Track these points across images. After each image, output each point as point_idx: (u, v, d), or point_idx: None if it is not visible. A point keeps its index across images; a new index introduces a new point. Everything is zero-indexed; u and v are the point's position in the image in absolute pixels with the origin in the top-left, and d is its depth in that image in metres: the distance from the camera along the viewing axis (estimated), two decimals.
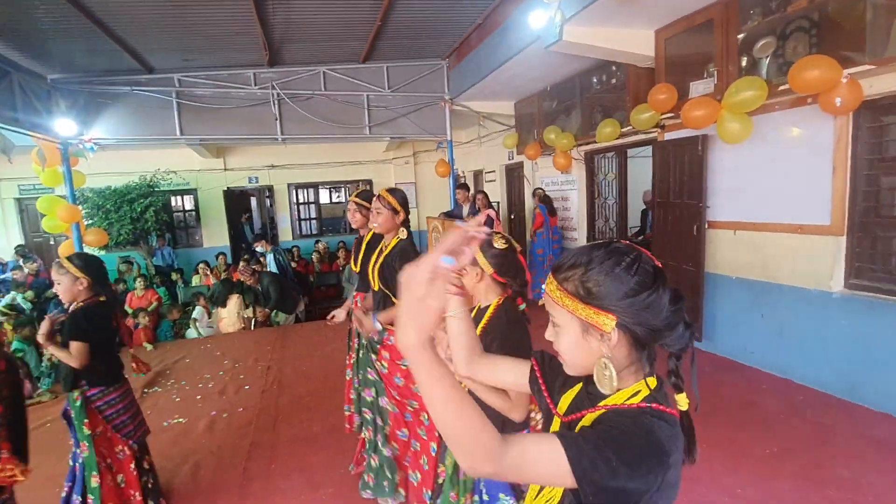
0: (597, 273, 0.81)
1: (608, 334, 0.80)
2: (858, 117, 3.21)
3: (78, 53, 5.07)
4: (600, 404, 0.84)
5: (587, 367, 0.85)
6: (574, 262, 0.84)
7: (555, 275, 0.86)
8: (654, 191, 4.97)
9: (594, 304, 0.80)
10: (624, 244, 0.85)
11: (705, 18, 3.89)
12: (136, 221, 8.32)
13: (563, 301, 0.83)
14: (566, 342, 0.86)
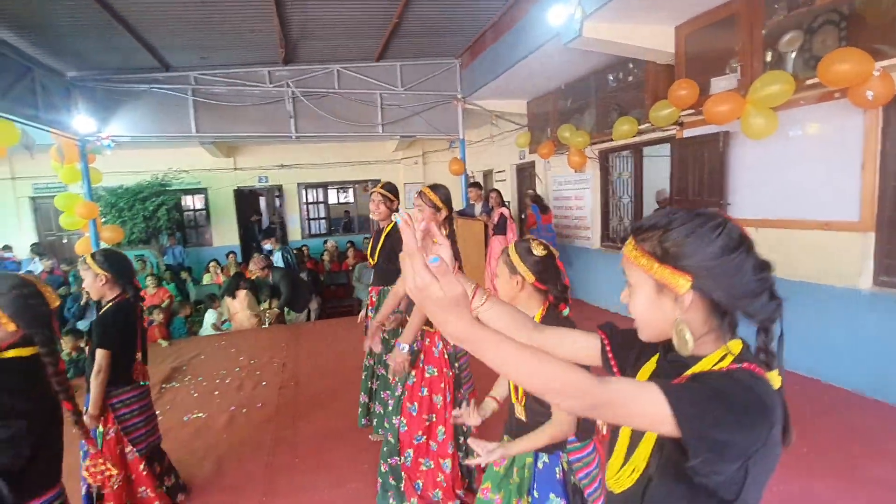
0: (677, 233, 0.79)
1: (682, 296, 0.78)
2: (889, 111, 3.16)
3: (97, 51, 5.10)
4: (687, 373, 0.81)
5: (661, 330, 0.84)
6: (655, 222, 0.83)
7: (634, 235, 0.85)
8: (672, 189, 4.93)
9: (670, 264, 0.78)
10: (710, 209, 0.82)
11: (728, 13, 3.86)
12: (149, 220, 8.37)
13: (638, 260, 0.82)
14: (639, 302, 0.84)
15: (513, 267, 1.50)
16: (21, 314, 1.52)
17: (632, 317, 0.88)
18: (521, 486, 1.54)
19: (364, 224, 11.68)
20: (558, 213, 7.28)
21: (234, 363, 4.97)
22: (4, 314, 1.50)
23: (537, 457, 1.53)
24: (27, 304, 1.53)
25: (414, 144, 10.78)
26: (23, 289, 1.55)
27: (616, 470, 0.93)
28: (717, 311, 0.81)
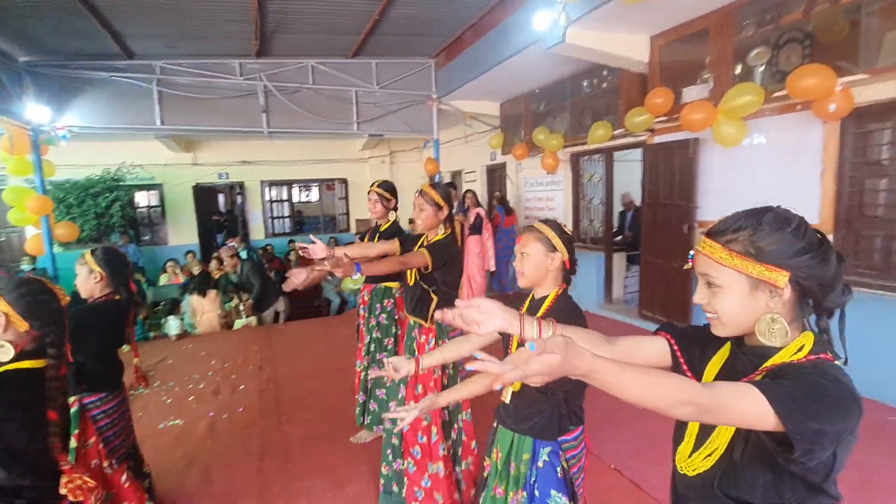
0: (769, 233, 0.85)
1: (780, 289, 0.84)
2: (845, 124, 3.46)
3: (53, 34, 4.73)
4: (767, 364, 0.87)
5: (748, 324, 0.89)
6: (740, 224, 0.88)
7: (716, 238, 0.90)
8: (644, 192, 5.16)
9: (767, 262, 0.84)
10: (784, 209, 0.89)
11: (701, 27, 4.10)
12: (101, 217, 7.84)
13: (730, 261, 0.86)
14: (730, 300, 0.88)
15: (551, 245, 1.50)
16: (33, 312, 1.43)
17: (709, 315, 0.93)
18: (518, 480, 1.54)
19: (329, 223, 11.47)
20: (529, 214, 7.44)
21: (206, 367, 4.75)
22: (16, 311, 1.41)
23: (537, 454, 1.52)
24: (38, 301, 1.45)
25: (381, 144, 10.69)
26: (32, 286, 1.46)
27: (687, 455, 0.98)
28: (802, 301, 0.87)
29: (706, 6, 3.94)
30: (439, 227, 2.45)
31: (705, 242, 0.92)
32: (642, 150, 5.23)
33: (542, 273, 1.52)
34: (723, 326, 0.92)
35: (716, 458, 0.91)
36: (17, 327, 1.41)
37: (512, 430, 1.56)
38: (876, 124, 3.41)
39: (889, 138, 3.39)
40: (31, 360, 1.42)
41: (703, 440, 0.95)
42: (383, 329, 3.14)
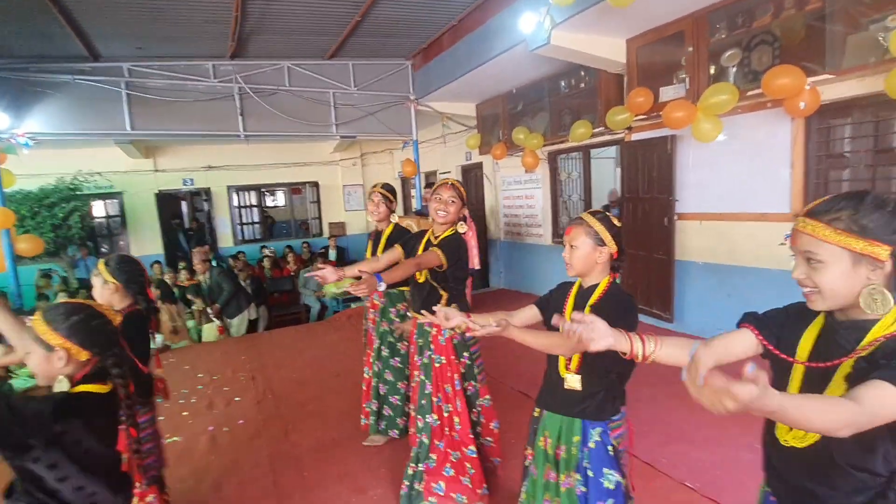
0: (870, 212, 0.93)
1: (882, 262, 0.93)
2: (811, 120, 3.75)
3: (12, 35, 4.42)
4: (868, 339, 0.94)
5: (849, 297, 0.96)
6: (841, 205, 0.96)
7: (818, 217, 0.97)
8: (623, 187, 5.37)
9: (871, 237, 0.92)
10: (876, 191, 0.99)
11: (676, 30, 4.32)
12: (58, 229, 7.34)
13: (833, 238, 0.94)
14: (832, 274, 0.95)
15: (599, 239, 1.55)
16: (90, 340, 1.35)
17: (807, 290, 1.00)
18: (570, 462, 1.60)
19: (299, 228, 11.21)
20: (508, 213, 7.58)
21: (194, 381, 4.57)
22: (74, 344, 1.32)
23: (587, 436, 1.59)
24: (92, 328, 1.37)
25: (353, 146, 10.56)
26: (81, 313, 1.37)
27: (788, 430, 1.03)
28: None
29: (680, 11, 4.15)
30: (459, 223, 2.46)
31: (806, 222, 0.98)
32: (620, 147, 5.44)
33: (589, 265, 1.58)
34: (822, 300, 0.98)
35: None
36: (77, 357, 1.34)
37: (562, 414, 1.62)
38: (838, 120, 3.71)
39: (850, 132, 3.69)
40: (95, 385, 1.35)
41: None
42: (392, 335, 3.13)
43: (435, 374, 2.42)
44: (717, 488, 2.47)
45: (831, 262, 0.95)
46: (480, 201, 8.31)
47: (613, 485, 1.52)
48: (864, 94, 3.34)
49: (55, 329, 1.32)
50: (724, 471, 2.60)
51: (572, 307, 1.64)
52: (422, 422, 2.44)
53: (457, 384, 2.40)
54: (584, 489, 1.54)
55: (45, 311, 1.37)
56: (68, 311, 1.36)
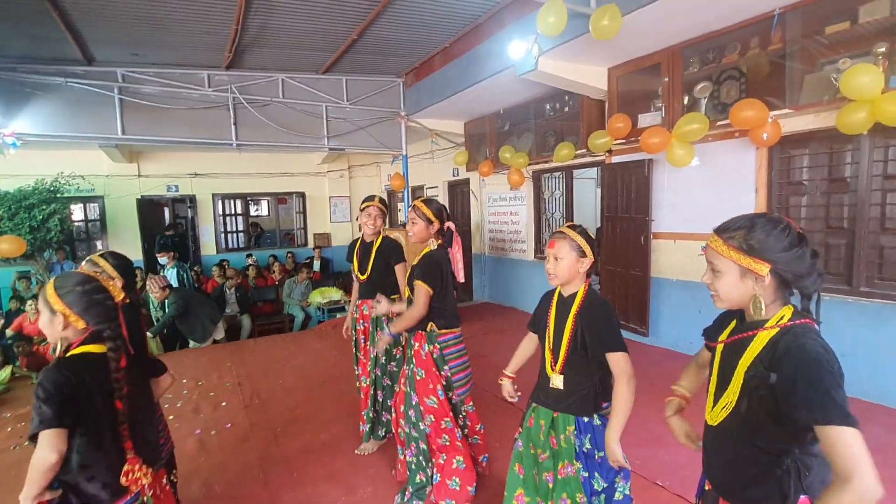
0: (759, 233, 1.10)
1: (763, 277, 1.09)
2: (773, 150, 4.08)
3: (9, 36, 4.45)
4: (765, 326, 1.12)
5: (739, 302, 1.15)
6: (738, 225, 1.14)
7: (720, 234, 1.16)
8: (603, 206, 5.65)
9: (755, 256, 1.10)
10: (776, 215, 1.16)
11: (653, 62, 4.64)
12: (36, 231, 7.22)
13: (727, 253, 1.13)
14: (726, 282, 1.15)
15: (581, 251, 1.73)
16: (90, 310, 1.49)
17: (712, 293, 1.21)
18: (568, 451, 1.73)
19: (284, 238, 11.22)
20: (493, 228, 7.80)
21: (179, 385, 4.56)
22: (73, 312, 1.46)
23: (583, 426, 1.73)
24: (94, 300, 1.51)
25: (340, 158, 10.70)
26: (87, 285, 1.52)
27: (710, 408, 1.23)
28: (782, 285, 1.12)
29: (657, 45, 4.48)
30: (430, 240, 2.56)
31: (713, 237, 1.18)
32: (600, 168, 5.73)
33: (572, 275, 1.76)
34: (721, 301, 1.19)
35: (729, 410, 1.16)
36: (75, 325, 1.47)
37: (552, 409, 1.79)
38: (797, 150, 4.05)
39: (808, 162, 4.03)
40: (94, 345, 1.48)
41: (720, 395, 1.20)
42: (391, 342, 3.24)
43: (417, 386, 2.54)
44: (684, 487, 2.65)
45: (725, 272, 1.15)
46: (466, 217, 8.52)
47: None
48: (819, 128, 3.68)
49: (60, 296, 1.46)
50: (690, 471, 2.79)
51: (555, 315, 1.81)
52: (415, 431, 2.54)
53: (440, 394, 2.50)
54: (587, 474, 1.69)
55: (58, 278, 1.51)
56: (76, 281, 1.50)
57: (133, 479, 1.48)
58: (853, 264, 3.70)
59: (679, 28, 4.07)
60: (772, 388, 1.04)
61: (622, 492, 1.77)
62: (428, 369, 2.52)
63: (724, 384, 1.18)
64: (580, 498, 1.69)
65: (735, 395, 1.14)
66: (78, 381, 1.40)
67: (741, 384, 1.13)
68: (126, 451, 1.49)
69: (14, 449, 3.46)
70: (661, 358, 4.80)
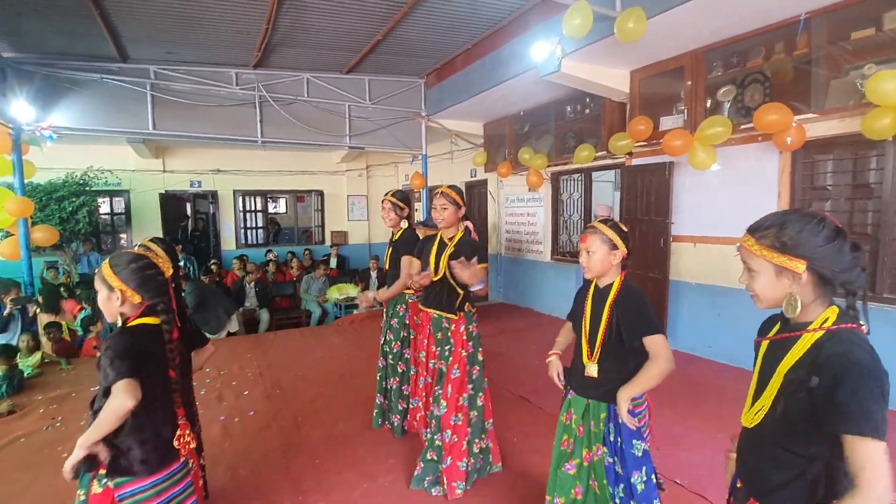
0: (791, 229, 1.07)
1: (799, 275, 1.06)
2: (796, 154, 4.06)
3: (45, 32, 4.64)
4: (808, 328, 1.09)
5: (777, 301, 1.12)
6: (770, 223, 1.11)
7: (752, 233, 1.13)
8: (622, 209, 5.65)
9: (789, 253, 1.06)
10: (810, 210, 1.14)
11: (677, 65, 4.65)
12: (66, 222, 7.46)
13: (760, 252, 1.10)
14: (761, 282, 1.12)
15: (612, 244, 1.79)
16: (144, 285, 1.60)
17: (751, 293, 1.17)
18: (598, 436, 1.81)
19: (302, 235, 11.39)
20: (510, 229, 7.84)
21: (202, 374, 4.67)
22: (129, 287, 1.56)
23: (613, 413, 1.79)
24: (147, 276, 1.61)
25: (359, 157, 10.83)
26: (139, 262, 1.62)
27: (748, 409, 1.21)
28: (821, 284, 1.07)
29: (681, 48, 4.49)
30: (458, 224, 2.69)
31: (745, 237, 1.15)
32: (620, 171, 5.74)
33: (605, 267, 1.82)
34: (759, 302, 1.15)
35: (764, 413, 1.14)
36: (132, 300, 1.58)
37: (587, 396, 1.84)
38: (821, 155, 4.03)
39: (832, 167, 4.01)
40: (149, 318, 1.59)
41: (758, 398, 1.17)
42: (395, 332, 3.32)
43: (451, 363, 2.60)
44: (702, 485, 2.67)
45: (760, 271, 1.12)
46: (483, 217, 8.56)
47: (641, 452, 1.75)
48: (844, 133, 3.66)
49: (116, 273, 1.57)
50: (709, 470, 2.80)
51: (591, 306, 1.86)
52: (437, 409, 2.61)
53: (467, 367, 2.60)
54: (612, 460, 1.75)
55: (112, 257, 1.63)
56: (129, 260, 1.61)
57: (184, 442, 1.57)
58: (877, 270, 3.67)
59: (703, 32, 4.08)
60: (811, 391, 1.02)
61: (641, 480, 1.79)
62: (467, 348, 2.61)
63: (763, 386, 1.16)
64: (603, 481, 1.74)
65: (771, 398, 1.12)
66: (141, 345, 1.50)
67: (779, 386, 1.10)
68: (178, 417, 1.59)
69: (46, 430, 3.60)
70: (679, 362, 4.72)
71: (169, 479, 1.57)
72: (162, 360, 1.57)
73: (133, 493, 1.51)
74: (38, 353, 4.90)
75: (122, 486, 1.50)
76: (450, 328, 2.66)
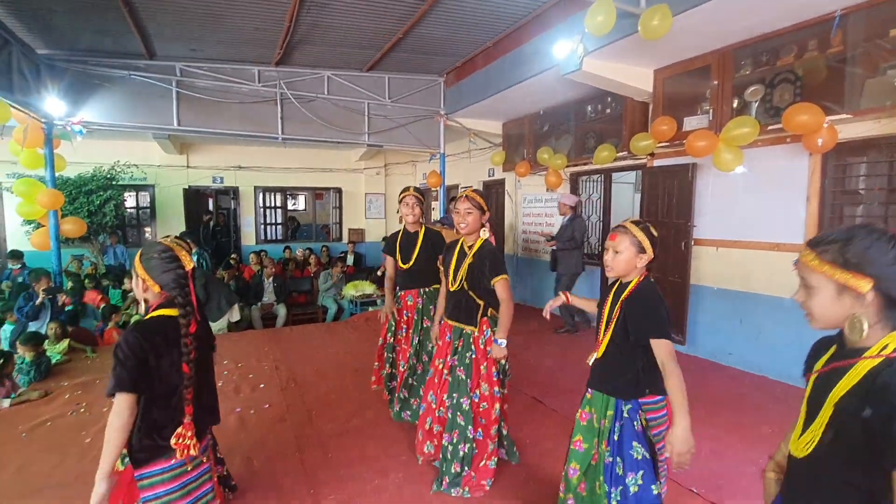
0: (857, 245, 0.99)
1: (863, 295, 0.98)
2: (827, 157, 3.92)
3: (77, 30, 4.78)
4: (866, 355, 1.00)
5: (836, 322, 1.04)
6: (834, 237, 1.03)
7: (813, 248, 1.06)
8: (643, 210, 5.55)
9: (853, 270, 0.98)
10: (879, 226, 1.05)
11: (703, 64, 4.54)
12: (94, 215, 7.68)
13: (821, 268, 1.02)
14: (820, 300, 1.04)
15: (640, 246, 1.77)
16: (163, 276, 1.64)
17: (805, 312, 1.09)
18: (602, 433, 1.81)
19: (320, 232, 11.51)
20: (527, 229, 7.77)
21: (219, 367, 4.76)
22: (150, 277, 1.61)
23: (619, 411, 1.77)
24: (167, 267, 1.65)
25: (377, 155, 10.90)
26: (163, 253, 1.65)
27: (796, 439, 1.13)
28: (887, 307, 0.98)
29: (707, 46, 4.38)
30: (482, 230, 2.62)
31: (804, 251, 1.07)
32: (641, 172, 5.64)
33: (629, 269, 1.79)
34: (814, 321, 1.07)
35: (814, 444, 1.06)
36: (153, 290, 1.63)
37: (600, 390, 1.83)
38: (854, 158, 3.88)
39: (865, 171, 3.86)
40: (168, 310, 1.63)
41: (807, 427, 1.09)
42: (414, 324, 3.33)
43: (476, 374, 2.58)
44: (720, 495, 2.60)
45: (819, 288, 1.04)
46: (500, 217, 8.51)
47: (640, 456, 1.70)
48: (880, 134, 3.52)
49: (142, 262, 1.65)
50: (727, 480, 2.73)
51: (611, 301, 1.84)
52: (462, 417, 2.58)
53: (496, 376, 2.57)
54: (611, 459, 1.71)
55: (145, 246, 1.70)
56: (155, 249, 1.67)
57: (182, 443, 1.58)
58: None
59: (732, 29, 3.98)
60: (864, 422, 0.96)
61: (636, 483, 1.74)
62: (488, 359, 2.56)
63: (813, 416, 1.08)
64: (600, 478, 1.72)
65: (821, 429, 1.04)
66: (150, 343, 1.52)
67: (830, 416, 1.03)
68: (185, 415, 1.60)
69: (72, 415, 3.70)
70: (698, 368, 4.67)
71: (184, 465, 1.62)
72: (176, 355, 1.59)
73: (151, 475, 1.57)
74: (65, 341, 5.05)
75: (141, 468, 1.57)
76: (472, 335, 2.64)
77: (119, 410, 1.49)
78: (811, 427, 1.07)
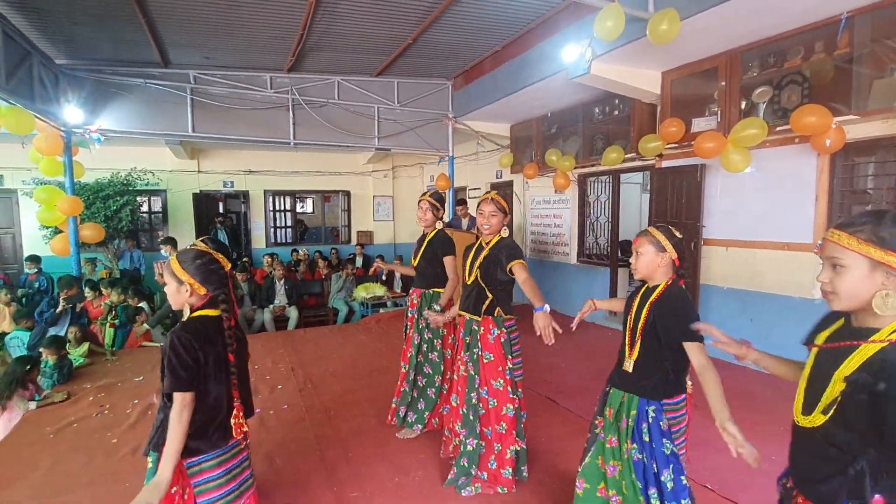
0: (889, 226, 1.07)
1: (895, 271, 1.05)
2: (835, 157, 3.96)
3: (94, 39, 4.89)
4: (874, 337, 1.08)
5: (864, 299, 1.10)
6: (864, 220, 1.11)
7: (844, 228, 1.13)
8: (651, 211, 5.60)
9: (887, 247, 1.06)
10: None
11: (710, 66, 4.59)
12: (110, 220, 7.82)
13: (855, 246, 1.09)
14: (850, 278, 1.10)
15: (661, 246, 1.83)
16: (208, 279, 1.74)
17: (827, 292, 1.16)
18: (628, 432, 1.86)
19: (329, 234, 11.61)
20: (536, 231, 7.83)
21: None
22: (197, 281, 1.71)
23: (643, 411, 1.82)
24: (211, 270, 1.75)
25: (385, 158, 10.98)
26: (204, 258, 1.76)
27: (800, 411, 1.22)
28: None
29: (715, 48, 4.43)
30: (502, 231, 2.74)
31: (833, 232, 1.14)
32: (649, 173, 5.69)
33: (652, 269, 1.85)
34: (839, 301, 1.14)
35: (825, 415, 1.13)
36: (198, 292, 1.73)
37: (623, 391, 1.89)
38: (862, 158, 3.92)
39: (873, 171, 3.90)
40: (210, 309, 1.74)
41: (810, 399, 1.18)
42: (434, 330, 3.39)
43: (483, 370, 2.64)
44: (734, 490, 2.65)
45: (852, 266, 1.11)
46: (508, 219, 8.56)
47: (669, 451, 1.77)
48: (888, 135, 3.56)
49: (185, 268, 1.73)
50: (741, 475, 2.78)
51: (637, 304, 1.90)
52: (474, 415, 2.64)
53: (507, 375, 2.60)
54: (640, 456, 1.78)
55: (178, 253, 1.79)
56: (195, 256, 1.76)
57: (238, 423, 1.70)
58: None
59: (739, 32, 4.03)
60: (874, 395, 1.03)
61: (671, 479, 1.80)
62: (497, 353, 2.62)
63: (817, 390, 1.16)
64: (632, 477, 1.78)
65: (829, 401, 1.12)
66: (199, 341, 1.62)
67: (840, 391, 1.10)
68: (234, 399, 1.71)
69: (96, 416, 3.80)
70: None
71: (228, 452, 1.74)
72: (220, 349, 1.69)
73: (199, 463, 1.68)
74: (85, 344, 5.17)
75: (191, 457, 1.68)
76: (479, 331, 2.70)
77: (179, 409, 1.59)
78: (820, 402, 1.14)
